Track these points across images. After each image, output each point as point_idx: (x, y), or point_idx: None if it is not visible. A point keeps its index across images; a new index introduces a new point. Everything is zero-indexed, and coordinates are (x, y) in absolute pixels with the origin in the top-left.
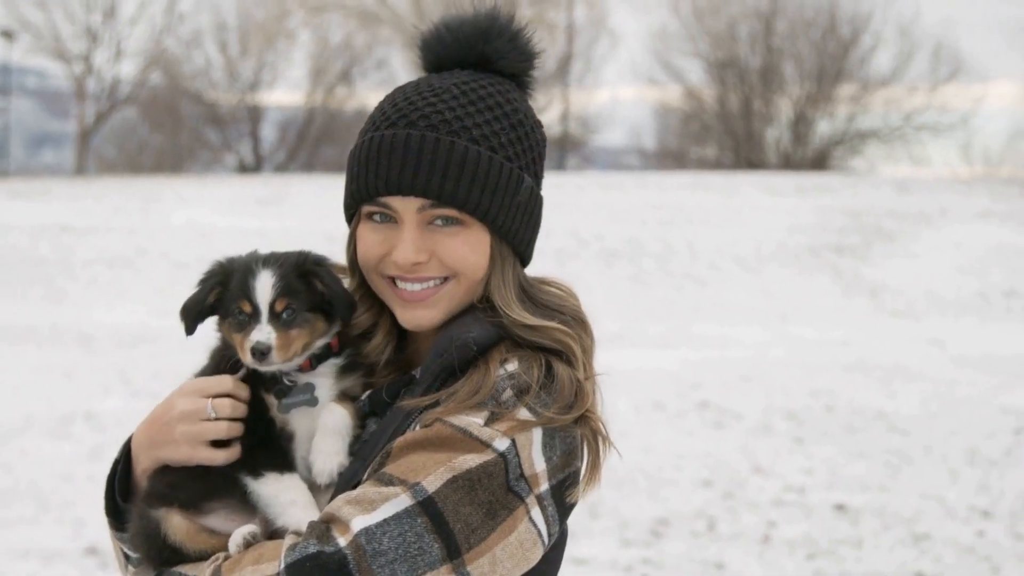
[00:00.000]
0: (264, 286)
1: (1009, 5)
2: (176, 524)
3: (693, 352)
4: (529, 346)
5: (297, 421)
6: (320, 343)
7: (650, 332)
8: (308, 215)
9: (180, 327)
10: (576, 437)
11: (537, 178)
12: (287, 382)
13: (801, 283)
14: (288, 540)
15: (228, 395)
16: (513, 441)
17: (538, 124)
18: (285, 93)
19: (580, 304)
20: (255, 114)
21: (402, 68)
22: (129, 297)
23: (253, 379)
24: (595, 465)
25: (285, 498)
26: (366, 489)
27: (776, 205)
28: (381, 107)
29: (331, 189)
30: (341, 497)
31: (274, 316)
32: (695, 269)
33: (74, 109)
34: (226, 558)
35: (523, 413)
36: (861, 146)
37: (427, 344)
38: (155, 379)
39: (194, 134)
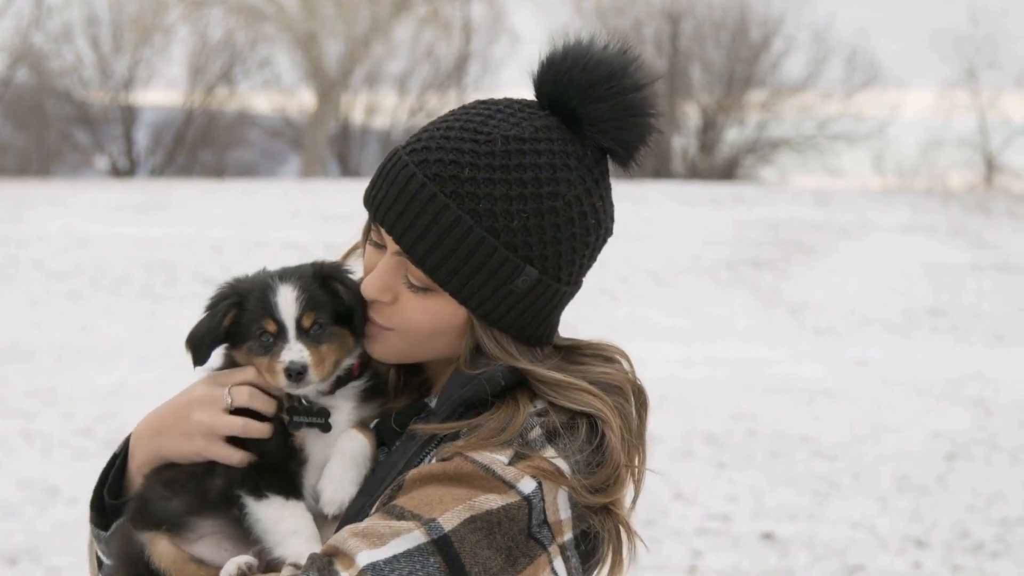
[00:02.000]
0: (287, 301)
1: (926, 12)
2: (162, 550)
3: None
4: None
5: (312, 446)
6: (348, 362)
7: None
8: (192, 222)
9: (188, 357)
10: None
11: (557, 271)
12: (304, 402)
13: (719, 299)
14: (285, 572)
15: (252, 385)
16: (540, 484)
17: (584, 214)
18: (161, 92)
19: (618, 369)
20: (129, 114)
21: (288, 68)
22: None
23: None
24: (617, 567)
25: (287, 526)
26: (375, 521)
27: (689, 216)
28: (435, 120)
29: (215, 195)
30: (346, 529)
31: (302, 332)
32: (606, 283)
33: None
34: None
35: (551, 453)
36: (772, 155)
37: (442, 370)
38: (28, 398)
39: (62, 135)
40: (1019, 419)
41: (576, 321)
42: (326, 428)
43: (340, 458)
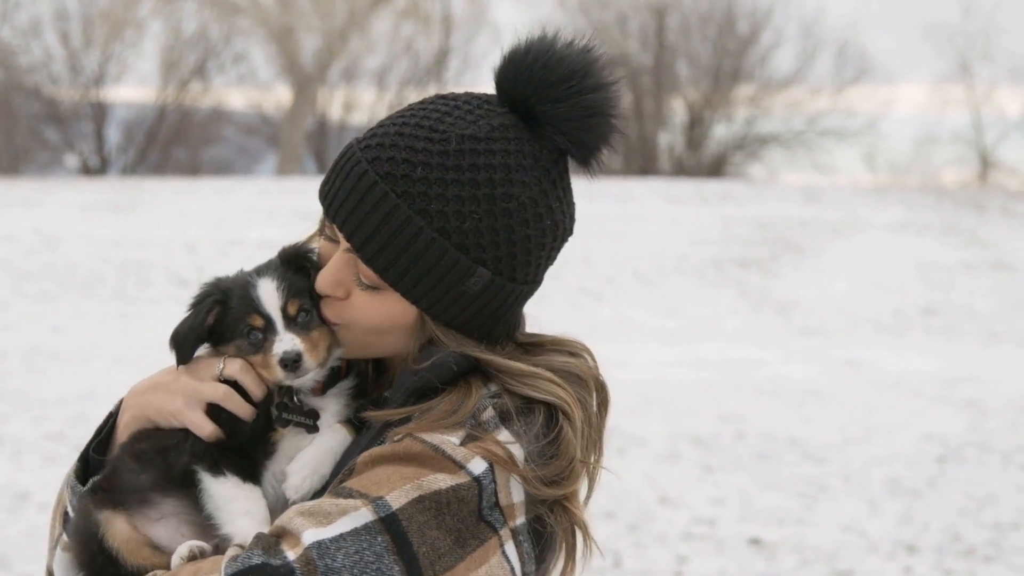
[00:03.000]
0: (269, 293)
1: (918, 5)
2: (117, 530)
3: None
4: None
5: (286, 442)
6: (338, 350)
7: None
8: (165, 222)
9: (172, 356)
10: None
11: (511, 272)
12: (295, 400)
13: (705, 299)
14: (230, 552)
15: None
16: (491, 466)
17: (540, 215)
18: (133, 88)
19: (582, 362)
20: (100, 111)
21: (263, 63)
22: None
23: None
24: (569, 566)
25: (239, 506)
26: (323, 501)
27: (676, 214)
28: (391, 115)
29: (189, 194)
30: (293, 509)
31: (290, 322)
32: (590, 283)
33: None
34: (164, 575)
35: (505, 437)
36: (761, 151)
37: (402, 365)
38: None
39: (31, 133)
40: (1013, 421)
41: (558, 321)
42: (313, 429)
43: (318, 449)
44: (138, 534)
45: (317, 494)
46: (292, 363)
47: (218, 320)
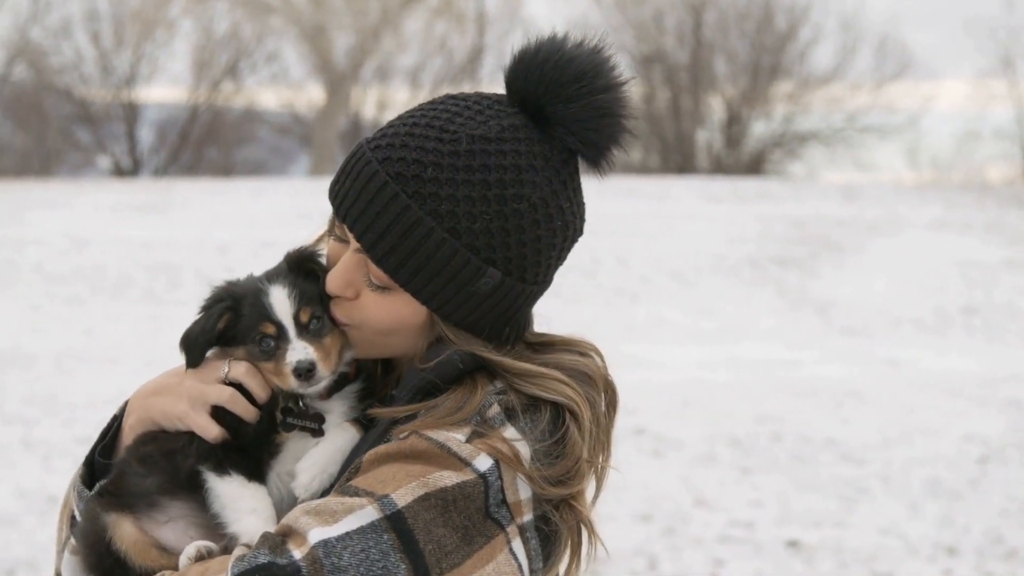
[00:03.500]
0: (281, 300)
1: None
2: (125, 532)
3: (626, 374)
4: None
5: (292, 441)
6: (349, 354)
7: None
8: (197, 224)
9: (181, 358)
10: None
11: (521, 272)
12: (302, 405)
13: (743, 298)
14: (237, 551)
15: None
16: (496, 463)
17: (550, 216)
18: (165, 89)
19: (592, 362)
20: (132, 112)
21: (296, 62)
22: None
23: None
24: (574, 563)
25: (245, 505)
26: (328, 500)
27: (713, 213)
28: (401, 115)
29: (220, 195)
30: (299, 507)
31: (302, 329)
32: (626, 283)
33: None
34: (172, 575)
35: (511, 434)
36: (800, 149)
37: (410, 364)
38: (28, 405)
39: (63, 134)
40: None
41: (593, 322)
42: (318, 433)
43: (327, 448)
44: (146, 536)
45: (326, 492)
46: (306, 373)
47: (229, 325)
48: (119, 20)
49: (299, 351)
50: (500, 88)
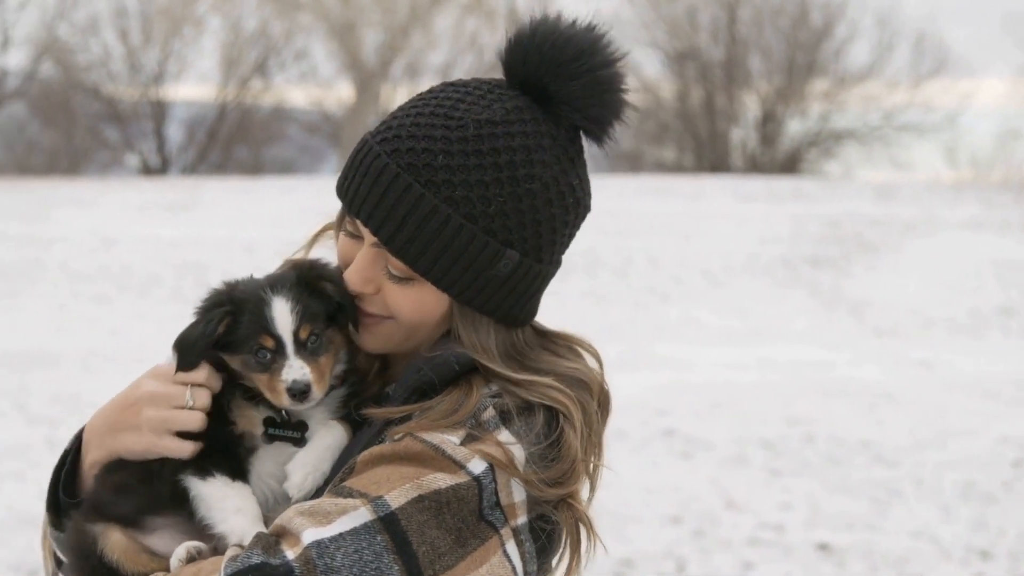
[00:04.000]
0: (283, 314)
1: None
2: (115, 541)
3: (656, 375)
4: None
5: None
6: (340, 367)
7: (608, 353)
8: (223, 222)
9: (175, 360)
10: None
11: (538, 252)
12: (284, 414)
13: (775, 299)
14: (230, 551)
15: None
16: (491, 465)
17: (562, 194)
18: (193, 86)
19: (584, 364)
20: (160, 110)
21: (325, 60)
22: (23, 313)
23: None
24: (574, 561)
25: (231, 504)
26: (322, 501)
27: (746, 213)
28: (402, 106)
29: (248, 193)
30: (293, 508)
31: (300, 346)
32: (658, 283)
33: None
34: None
35: (505, 437)
36: (836, 148)
37: (403, 360)
38: (53, 405)
39: (91, 132)
40: None
41: (623, 323)
42: (300, 443)
43: (318, 446)
44: (136, 543)
45: (319, 491)
46: (300, 393)
47: (227, 332)
48: (147, 17)
49: (295, 370)
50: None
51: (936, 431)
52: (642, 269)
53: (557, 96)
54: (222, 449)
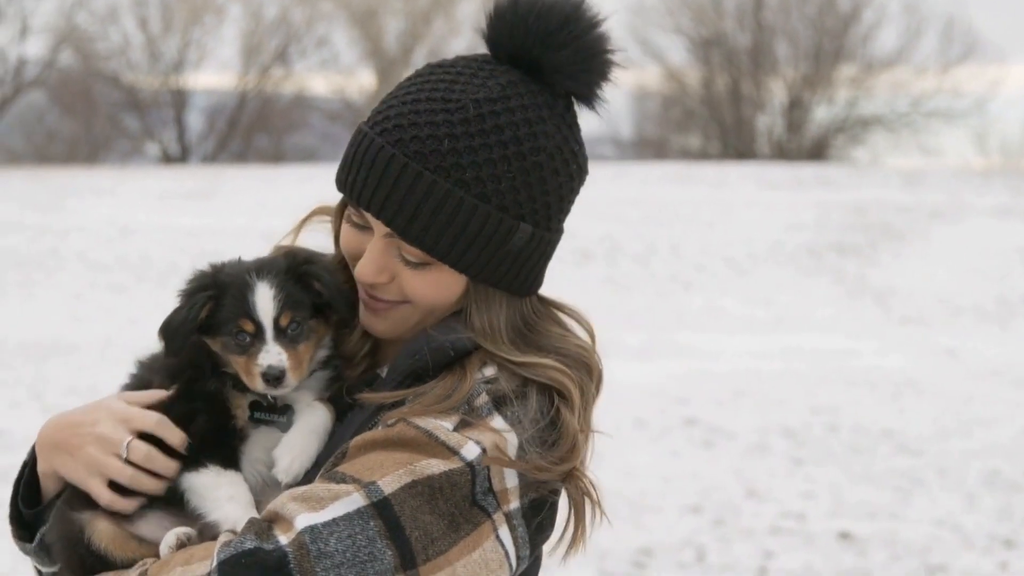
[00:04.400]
0: (265, 300)
1: None
2: (102, 529)
3: (678, 364)
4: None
5: (257, 430)
6: (322, 355)
7: (629, 342)
8: (243, 211)
9: (160, 346)
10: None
11: (547, 222)
12: (269, 398)
13: (799, 287)
14: (223, 537)
15: (151, 434)
16: (484, 451)
17: (566, 161)
18: (214, 75)
19: (588, 342)
20: (180, 98)
21: (346, 47)
22: (40, 303)
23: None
24: (579, 531)
25: (224, 492)
26: (315, 486)
27: (771, 200)
28: (393, 93)
29: (268, 182)
30: (286, 494)
31: (280, 333)
32: (680, 271)
33: None
34: (154, 562)
35: (498, 423)
36: (864, 134)
37: (395, 341)
38: (70, 394)
39: (111, 121)
40: None
41: (645, 311)
42: (285, 427)
43: (303, 429)
44: (123, 530)
45: (309, 473)
46: (275, 379)
47: (210, 315)
48: (167, 5)
49: (272, 355)
50: None
51: (961, 419)
52: (664, 257)
53: (548, 66)
54: (214, 439)
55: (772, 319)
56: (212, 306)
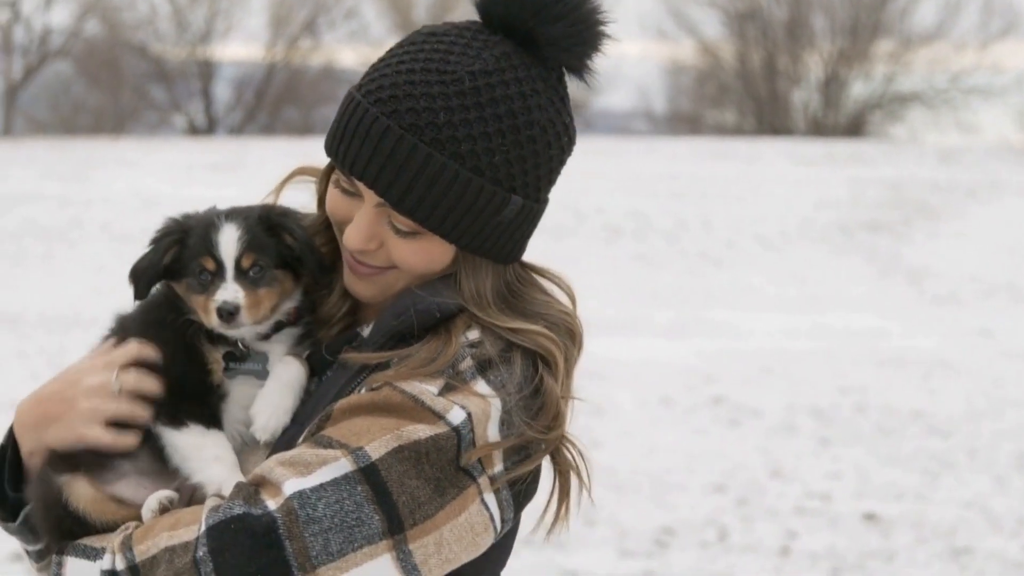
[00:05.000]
0: (229, 240)
1: None
2: (80, 491)
3: (706, 342)
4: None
5: (236, 385)
6: (287, 305)
7: (658, 319)
8: (269, 184)
9: (129, 290)
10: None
11: (536, 193)
12: (242, 347)
13: (831, 265)
14: (210, 502)
15: (136, 361)
16: (469, 415)
17: (558, 135)
18: (241, 46)
19: (572, 308)
20: (207, 69)
21: (375, 19)
22: (62, 275)
23: (196, 329)
24: (565, 500)
25: (209, 453)
26: (302, 451)
27: (803, 176)
28: (385, 60)
29: (294, 155)
30: (273, 458)
31: (241, 273)
32: (710, 248)
33: None
34: (137, 526)
35: (483, 387)
36: (901, 111)
37: (382, 305)
38: None
39: (137, 92)
40: None
41: (674, 288)
42: (262, 375)
43: (276, 384)
44: (101, 492)
45: (288, 433)
46: (228, 315)
47: (175, 258)
48: None
49: (228, 292)
50: None
51: (992, 400)
52: (694, 233)
53: (543, 38)
54: (194, 397)
55: (803, 297)
56: (177, 249)
